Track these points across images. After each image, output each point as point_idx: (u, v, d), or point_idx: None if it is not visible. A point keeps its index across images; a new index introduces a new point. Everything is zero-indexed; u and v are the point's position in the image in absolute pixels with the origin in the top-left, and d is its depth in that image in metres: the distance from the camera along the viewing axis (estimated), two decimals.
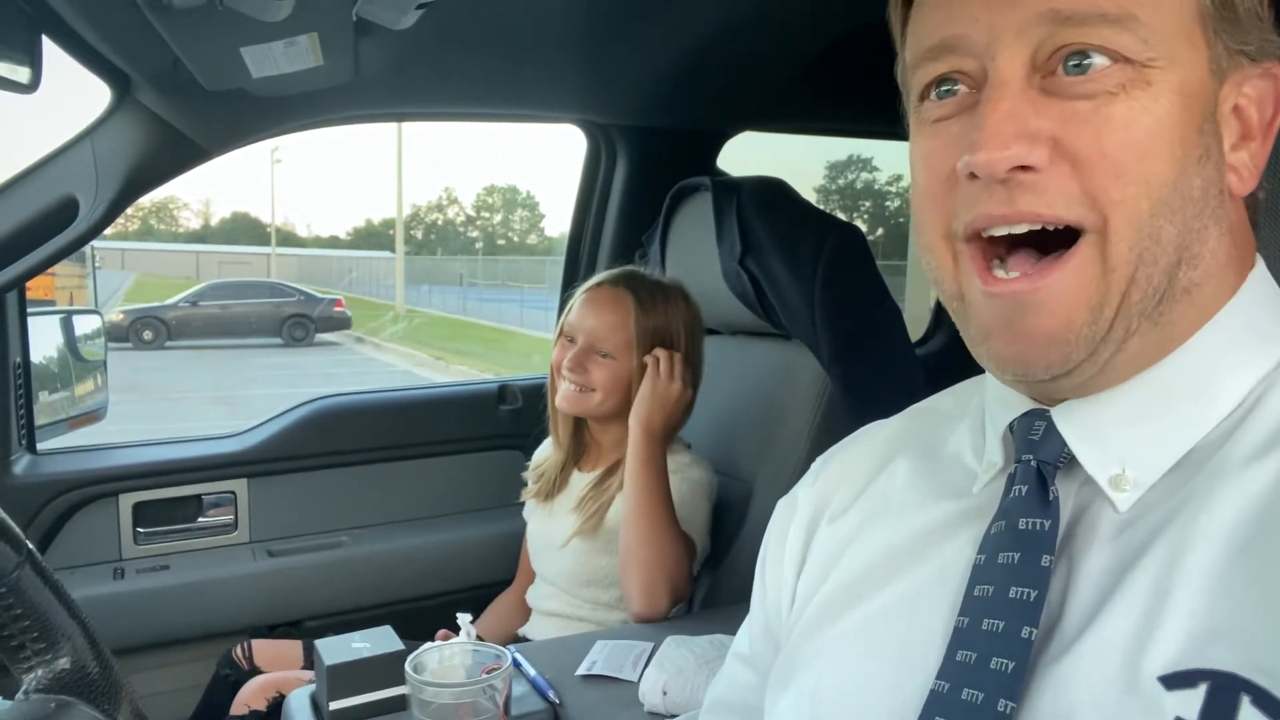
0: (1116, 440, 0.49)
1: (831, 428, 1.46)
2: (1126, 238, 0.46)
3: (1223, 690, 0.39)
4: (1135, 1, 0.46)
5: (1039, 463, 0.51)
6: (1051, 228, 0.47)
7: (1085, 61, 0.46)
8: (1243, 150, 0.50)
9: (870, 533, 0.60)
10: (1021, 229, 0.47)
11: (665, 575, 1.30)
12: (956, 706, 0.47)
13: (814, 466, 0.71)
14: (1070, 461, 0.50)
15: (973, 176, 0.47)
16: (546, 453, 1.61)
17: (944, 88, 0.51)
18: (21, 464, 1.66)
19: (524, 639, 1.56)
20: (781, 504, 0.72)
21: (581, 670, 1.14)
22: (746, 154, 2.20)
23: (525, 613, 1.62)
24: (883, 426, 0.69)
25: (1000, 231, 0.48)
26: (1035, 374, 0.48)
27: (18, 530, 0.52)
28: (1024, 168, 0.46)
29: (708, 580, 1.54)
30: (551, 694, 1.08)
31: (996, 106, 0.47)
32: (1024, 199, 0.46)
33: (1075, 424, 0.50)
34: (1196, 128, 0.47)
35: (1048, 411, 0.52)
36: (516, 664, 1.13)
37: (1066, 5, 0.46)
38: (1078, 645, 0.45)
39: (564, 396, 1.45)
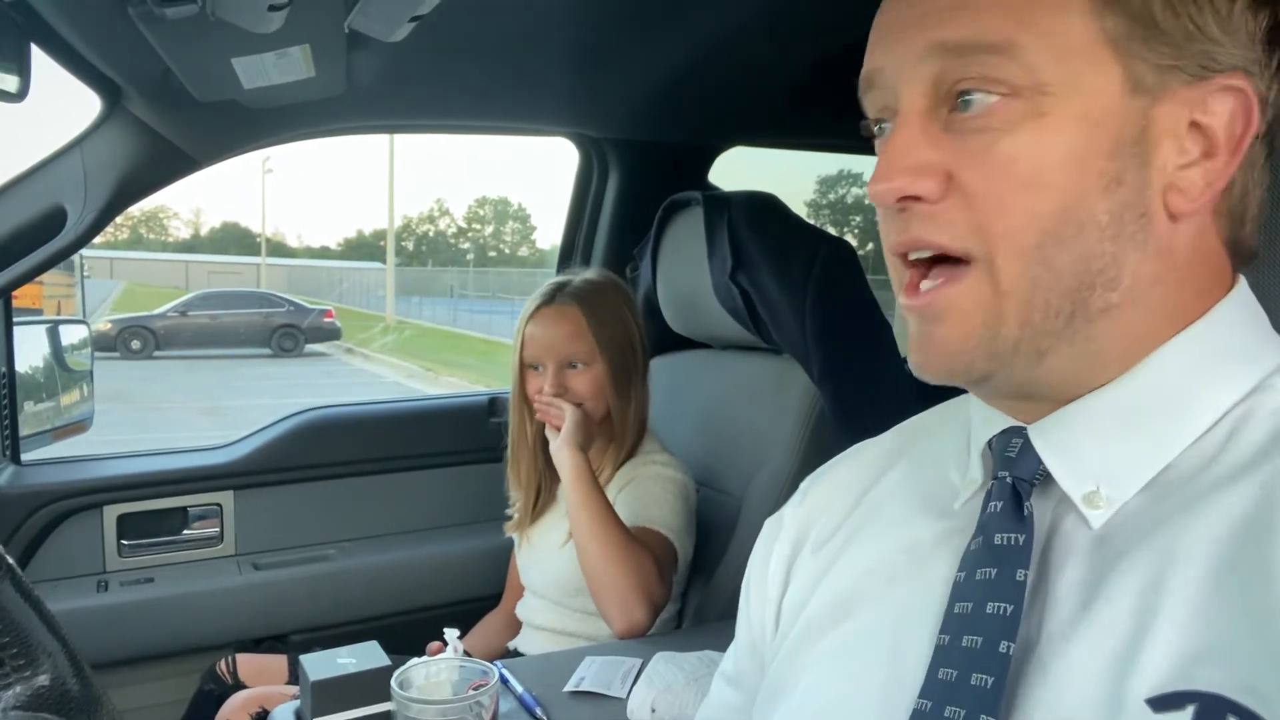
0: (1091, 457, 0.49)
1: (821, 442, 1.46)
2: (1013, 266, 0.47)
3: (1209, 712, 0.39)
4: (1021, 27, 0.46)
5: (1014, 479, 0.51)
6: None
7: (969, 98, 0.47)
8: (1195, 169, 0.48)
9: (856, 550, 0.60)
10: (926, 253, 0.50)
11: (635, 587, 1.28)
12: None
13: (802, 486, 0.71)
14: (1046, 479, 0.51)
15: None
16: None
17: (880, 124, 0.54)
18: (5, 475, 1.64)
19: (515, 652, 1.55)
20: (768, 524, 0.71)
21: (569, 687, 1.14)
22: (738, 169, 2.21)
23: (513, 630, 1.61)
24: (872, 446, 0.69)
25: (912, 255, 0.50)
26: (941, 379, 0.51)
27: None
28: (914, 197, 0.48)
29: (696, 596, 1.54)
30: (539, 711, 1.07)
31: (892, 140, 0.50)
32: (915, 227, 0.49)
33: (1050, 441, 0.51)
34: (1105, 153, 0.46)
35: (1025, 429, 0.52)
36: (504, 680, 1.13)
37: (952, 35, 0.47)
38: (1062, 666, 0.45)
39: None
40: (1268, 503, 0.43)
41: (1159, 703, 0.41)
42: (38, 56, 1.17)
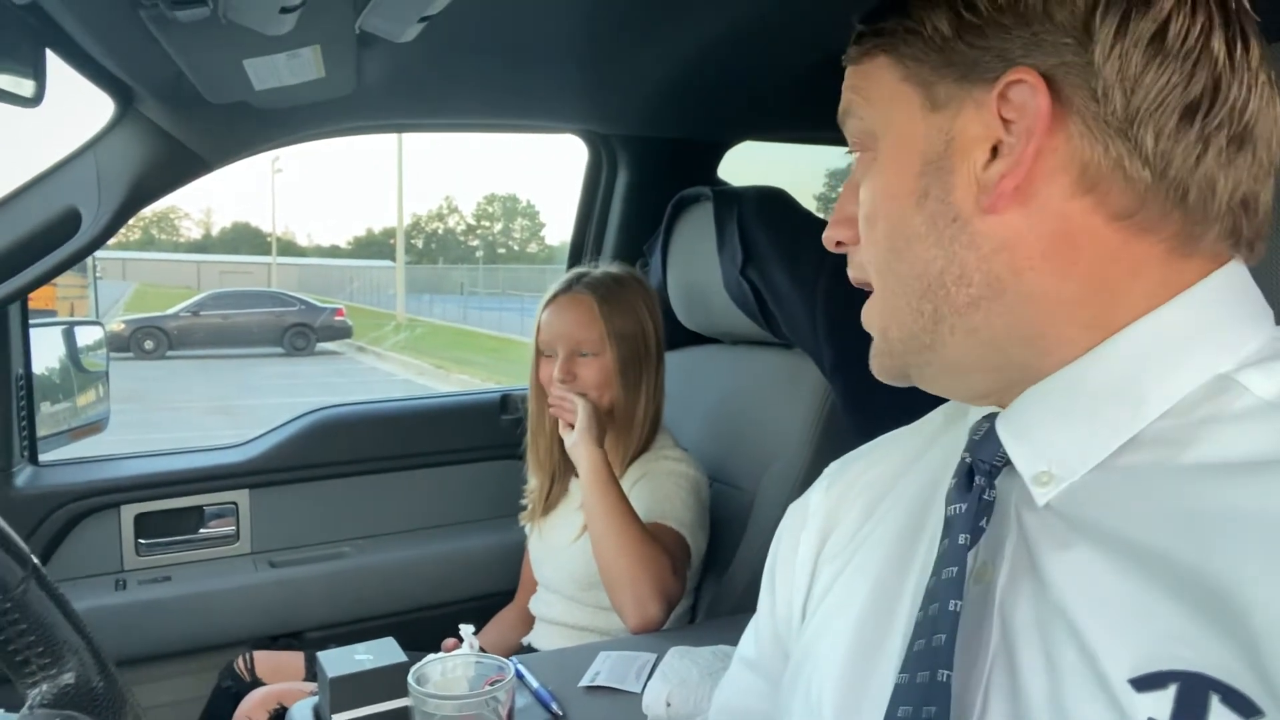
0: (1042, 440, 0.51)
1: (833, 437, 1.46)
2: (879, 283, 0.57)
3: (1192, 690, 0.40)
4: (856, 95, 0.58)
5: (974, 460, 0.54)
6: None
7: (851, 155, 0.60)
8: (998, 162, 0.50)
9: (879, 539, 0.61)
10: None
11: (649, 581, 1.29)
12: (914, 690, 0.49)
13: (829, 470, 0.71)
14: (1008, 462, 0.52)
15: None
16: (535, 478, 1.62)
17: None
18: (24, 475, 1.66)
19: (529, 647, 1.56)
20: (794, 508, 0.72)
21: (585, 681, 1.14)
22: (747, 165, 2.20)
23: (527, 625, 1.62)
24: (903, 436, 0.69)
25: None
26: (882, 380, 0.61)
27: (23, 545, 0.52)
28: (839, 243, 0.60)
29: (710, 591, 1.54)
30: (555, 706, 1.08)
31: (840, 195, 0.61)
32: (851, 267, 0.60)
33: (1010, 425, 0.53)
34: (913, 173, 0.54)
35: (996, 413, 0.55)
36: (520, 675, 1.13)
37: (839, 109, 0.60)
38: (1041, 651, 0.46)
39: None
40: (1230, 487, 0.44)
41: (1141, 683, 0.41)
42: (52, 61, 1.18)
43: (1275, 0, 0.56)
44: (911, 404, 0.71)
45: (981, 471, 0.53)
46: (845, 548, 0.64)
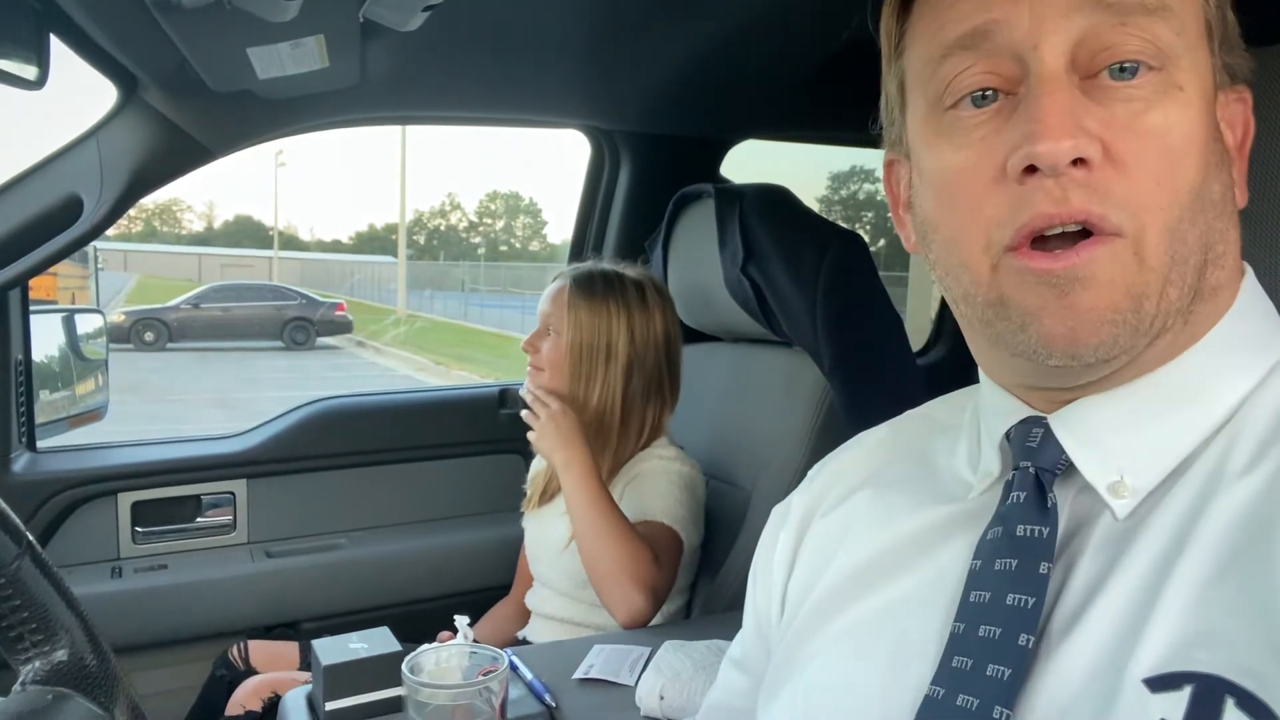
0: (1114, 446, 0.49)
1: (831, 435, 1.46)
2: (1161, 241, 0.45)
3: (1207, 692, 0.39)
4: None
5: (1037, 469, 0.51)
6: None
7: (1129, 66, 0.46)
8: (1236, 163, 0.52)
9: (862, 534, 0.61)
10: (1072, 228, 0.46)
11: (632, 576, 1.29)
12: (951, 712, 0.47)
13: (809, 474, 0.71)
14: (1068, 468, 0.50)
15: (1029, 171, 0.46)
16: (540, 464, 1.62)
17: (978, 93, 0.49)
18: (21, 461, 1.66)
19: (524, 641, 1.56)
20: (776, 510, 0.72)
21: (578, 674, 1.14)
22: (750, 163, 2.21)
23: (522, 619, 1.62)
24: (875, 433, 0.69)
25: (1053, 232, 0.46)
26: (1084, 355, 0.46)
27: (18, 522, 0.52)
28: (1080, 161, 0.45)
29: (705, 587, 1.54)
30: (548, 697, 1.08)
31: (1055, 97, 0.45)
32: (1077, 196, 0.45)
33: (1072, 430, 0.50)
34: (1213, 133, 0.48)
35: (1045, 418, 0.52)
36: (513, 667, 1.13)
37: None
38: (1066, 648, 0.45)
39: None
40: (1273, 492, 0.44)
41: (1156, 683, 0.41)
42: (56, 46, 1.18)
43: (1274, 0, 0.57)
44: (911, 400, 0.71)
45: (1048, 483, 0.50)
46: (824, 534, 0.64)
